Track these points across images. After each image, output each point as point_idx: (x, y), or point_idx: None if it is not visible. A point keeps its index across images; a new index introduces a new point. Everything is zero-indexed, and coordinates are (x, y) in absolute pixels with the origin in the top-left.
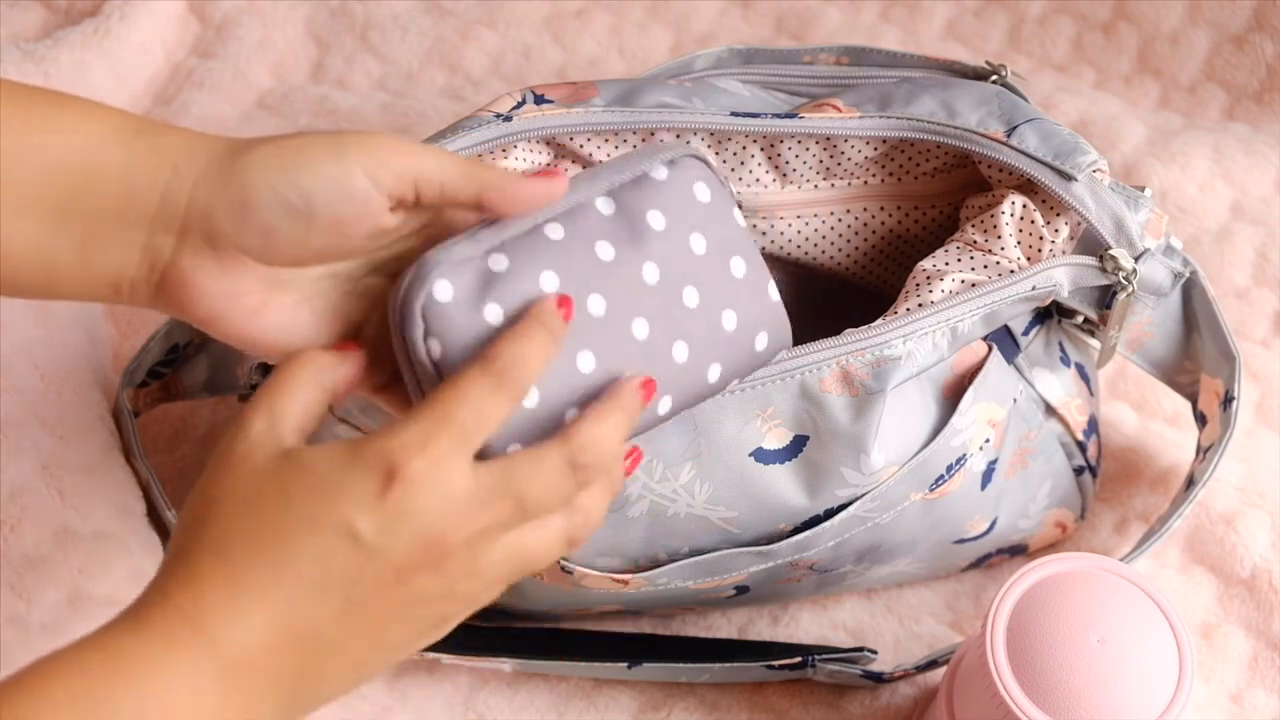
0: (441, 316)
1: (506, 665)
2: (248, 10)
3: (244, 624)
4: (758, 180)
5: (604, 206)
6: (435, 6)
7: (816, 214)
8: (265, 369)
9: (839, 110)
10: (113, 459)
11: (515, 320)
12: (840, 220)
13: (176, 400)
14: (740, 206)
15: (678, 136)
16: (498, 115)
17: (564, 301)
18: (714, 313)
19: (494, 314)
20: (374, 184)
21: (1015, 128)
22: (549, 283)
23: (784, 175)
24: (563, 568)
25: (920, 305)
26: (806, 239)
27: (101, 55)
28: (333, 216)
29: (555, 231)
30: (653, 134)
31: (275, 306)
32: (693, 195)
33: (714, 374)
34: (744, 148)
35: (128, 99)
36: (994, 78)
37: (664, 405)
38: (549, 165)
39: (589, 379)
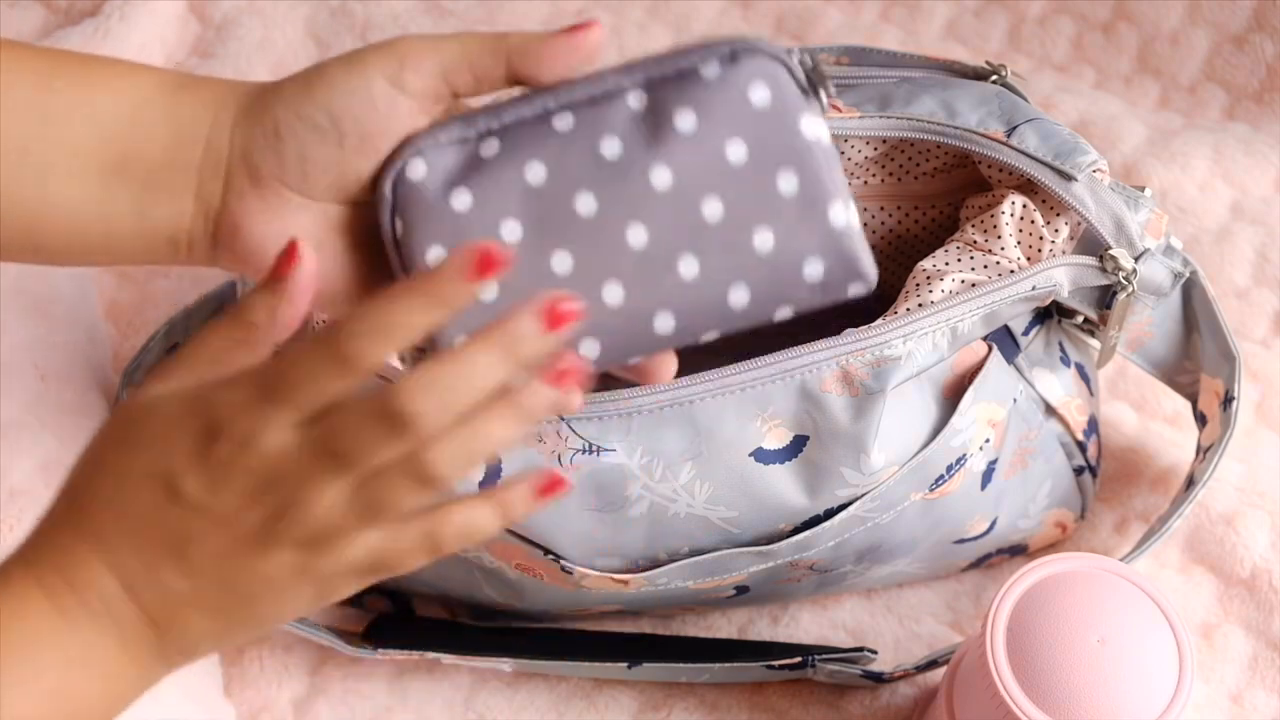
0: (409, 195)
1: (506, 665)
2: (248, 10)
3: (96, 573)
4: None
5: (635, 100)
6: (435, 6)
7: None
8: None
9: (839, 110)
10: None
11: (485, 205)
12: None
13: None
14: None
15: None
16: None
17: (484, 259)
18: (742, 229)
19: (461, 200)
20: (396, 86)
21: (1015, 128)
22: (534, 174)
23: None
24: (562, 568)
25: (920, 305)
26: None
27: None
28: (360, 129)
29: (564, 122)
30: None
31: (327, 250)
32: (744, 95)
33: (739, 296)
34: None
35: None
36: (994, 78)
37: (664, 323)
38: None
39: (562, 282)
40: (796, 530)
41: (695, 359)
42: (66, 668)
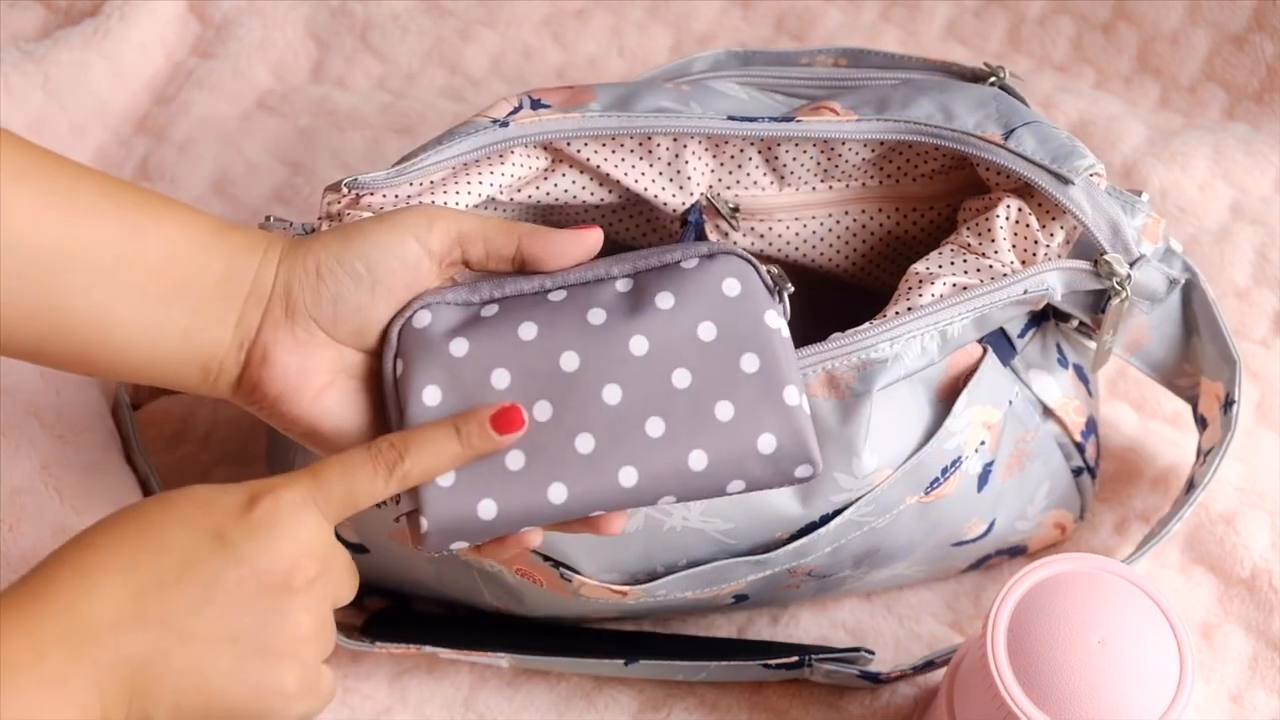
0: (411, 339)
1: (503, 660)
2: (248, 10)
3: (93, 596)
4: (755, 183)
5: (622, 285)
6: (435, 6)
7: (815, 216)
8: None
9: (836, 113)
10: (112, 458)
11: (480, 354)
12: (839, 222)
13: (175, 394)
14: (785, 305)
15: (675, 140)
16: (494, 121)
17: (506, 418)
18: (706, 398)
19: (459, 347)
20: (423, 247)
21: (1013, 130)
22: (526, 331)
23: (781, 178)
24: (562, 575)
25: (910, 309)
26: (805, 240)
27: (101, 55)
28: (390, 279)
29: (557, 296)
30: (649, 139)
31: (338, 389)
32: (719, 286)
33: (698, 460)
34: (741, 150)
35: (128, 99)
36: (992, 79)
37: (628, 477)
38: (583, 224)
39: (541, 427)
40: (793, 538)
41: None
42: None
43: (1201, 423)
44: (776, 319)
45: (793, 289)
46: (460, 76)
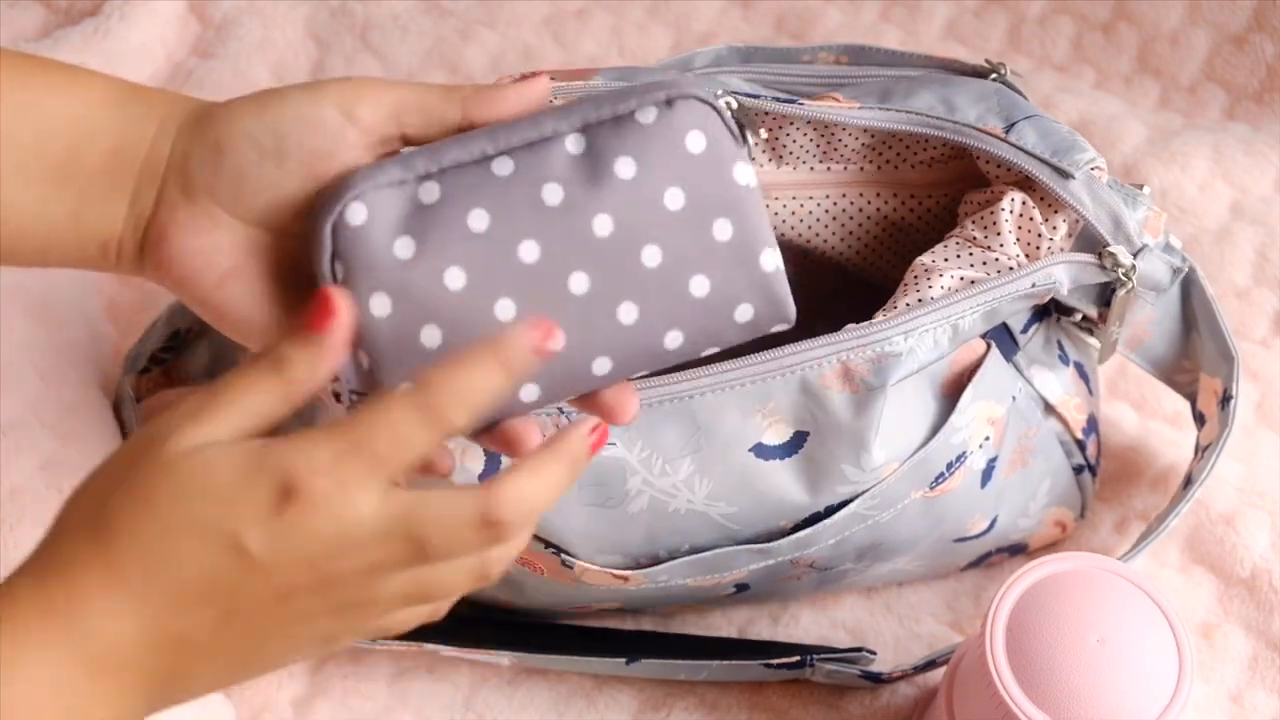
0: (350, 240)
1: (504, 659)
2: (248, 10)
3: (116, 620)
4: (753, 159)
5: (573, 145)
6: (435, 6)
7: (811, 196)
8: None
9: (839, 101)
10: None
11: (429, 253)
12: (835, 204)
13: (178, 387)
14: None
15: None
16: None
17: (543, 333)
18: (679, 275)
19: (404, 248)
20: (347, 117)
21: (1014, 124)
22: (477, 220)
23: (780, 156)
24: (563, 562)
25: (920, 301)
26: (801, 220)
27: (101, 55)
28: (303, 154)
29: (503, 166)
30: None
31: (245, 275)
32: (682, 143)
33: (673, 339)
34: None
35: None
36: (993, 76)
37: (601, 365)
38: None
39: (506, 329)
40: (797, 527)
41: None
42: (65, 714)
43: (1200, 419)
44: (746, 172)
45: (763, 135)
46: (460, 77)
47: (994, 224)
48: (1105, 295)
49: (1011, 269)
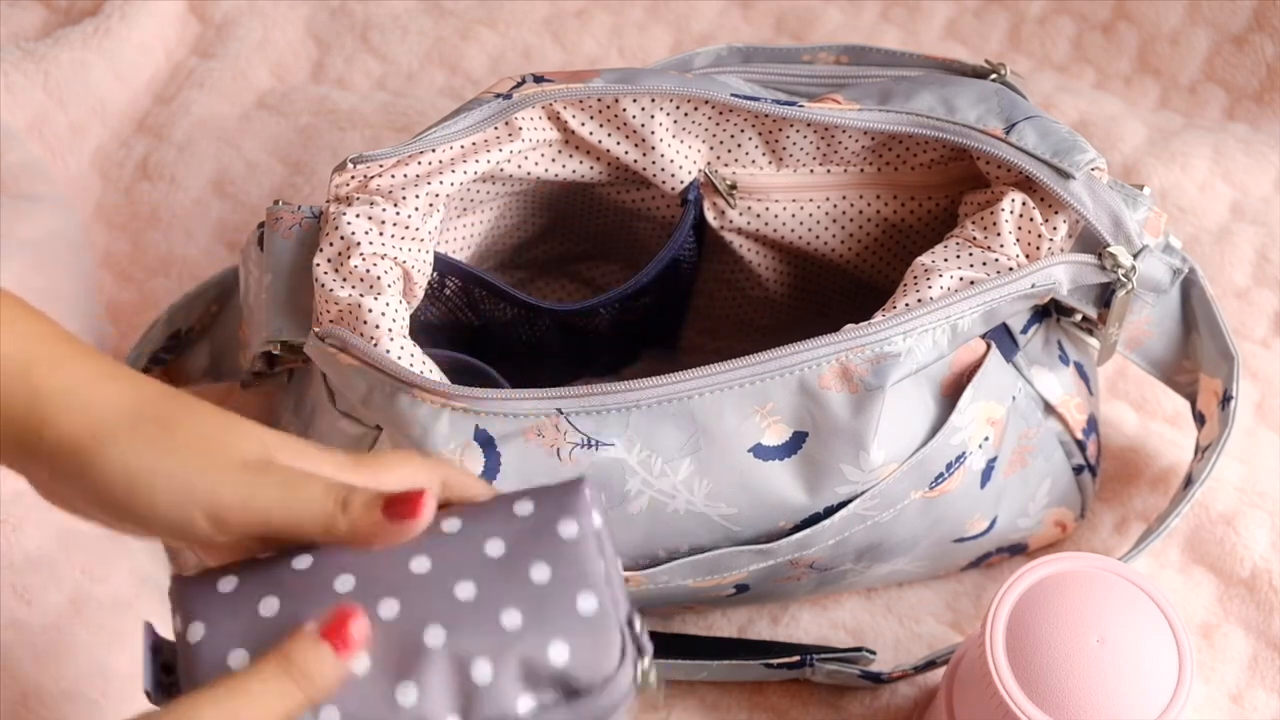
0: (190, 656)
1: None
2: (248, 10)
3: None
4: (753, 161)
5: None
6: (435, 6)
7: (812, 199)
8: (269, 358)
9: (839, 103)
10: None
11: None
12: (835, 206)
13: (178, 387)
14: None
15: (675, 124)
16: (498, 95)
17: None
18: (490, 607)
19: (238, 659)
20: (215, 528)
21: (1014, 125)
22: (300, 561)
23: (780, 159)
24: None
25: (920, 301)
26: (801, 223)
27: (101, 55)
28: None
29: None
30: (652, 119)
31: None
32: (510, 508)
33: (481, 669)
34: (741, 130)
35: (128, 99)
36: (993, 76)
37: (406, 696)
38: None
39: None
40: (797, 528)
41: (695, 355)
42: None
43: (1200, 419)
44: (572, 529)
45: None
46: (460, 76)
47: (994, 224)
48: (1105, 296)
49: (1011, 269)
